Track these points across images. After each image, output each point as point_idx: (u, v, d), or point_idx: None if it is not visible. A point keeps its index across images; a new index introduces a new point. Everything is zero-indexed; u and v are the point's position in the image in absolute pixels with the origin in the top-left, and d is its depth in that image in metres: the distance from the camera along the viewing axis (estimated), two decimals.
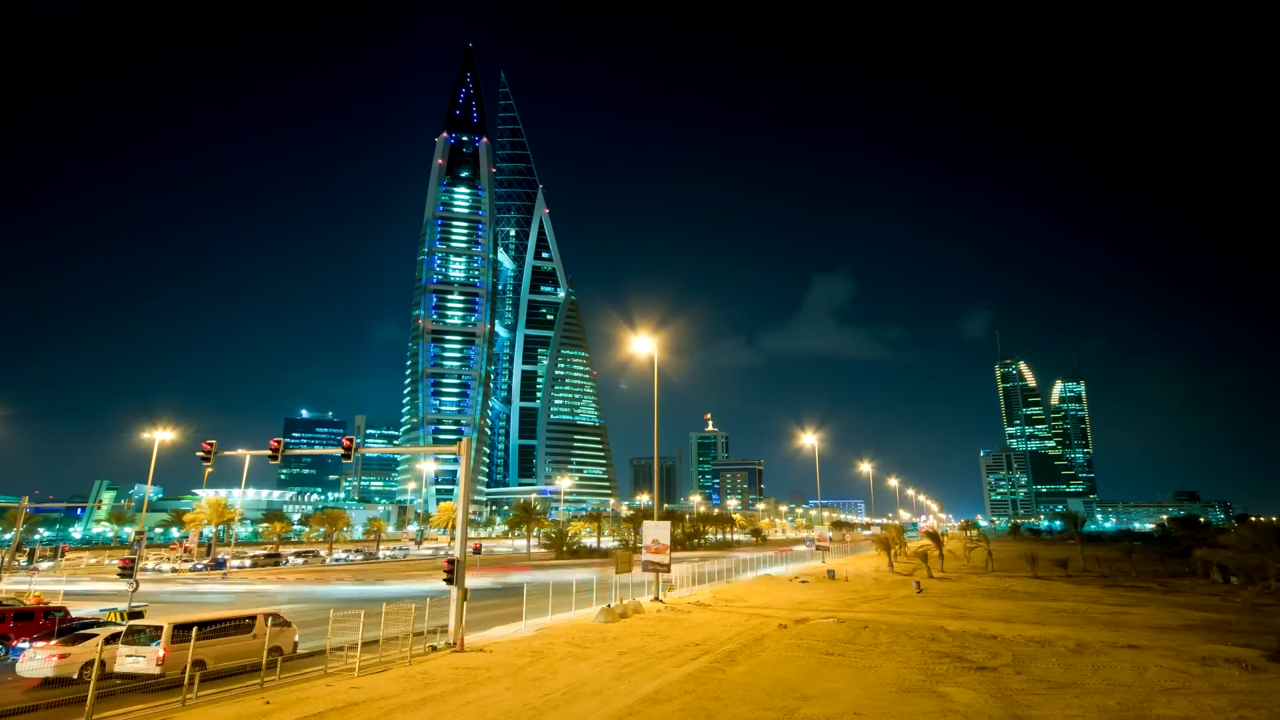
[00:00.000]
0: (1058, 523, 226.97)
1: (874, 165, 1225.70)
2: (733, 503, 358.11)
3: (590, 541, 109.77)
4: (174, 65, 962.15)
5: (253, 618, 23.46)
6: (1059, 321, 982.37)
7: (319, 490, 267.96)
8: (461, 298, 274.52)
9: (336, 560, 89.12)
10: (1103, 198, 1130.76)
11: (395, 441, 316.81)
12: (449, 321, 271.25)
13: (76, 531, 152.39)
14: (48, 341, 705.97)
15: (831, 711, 17.03)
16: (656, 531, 40.94)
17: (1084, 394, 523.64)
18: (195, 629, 20.70)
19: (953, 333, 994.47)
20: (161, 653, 20.71)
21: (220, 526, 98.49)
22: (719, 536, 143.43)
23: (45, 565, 69.45)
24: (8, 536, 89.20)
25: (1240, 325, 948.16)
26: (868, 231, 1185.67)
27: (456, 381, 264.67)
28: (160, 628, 21.35)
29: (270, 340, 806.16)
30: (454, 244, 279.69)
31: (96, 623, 26.33)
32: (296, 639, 24.76)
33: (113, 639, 21.61)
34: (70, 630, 24.98)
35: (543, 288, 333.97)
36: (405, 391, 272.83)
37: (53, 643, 22.18)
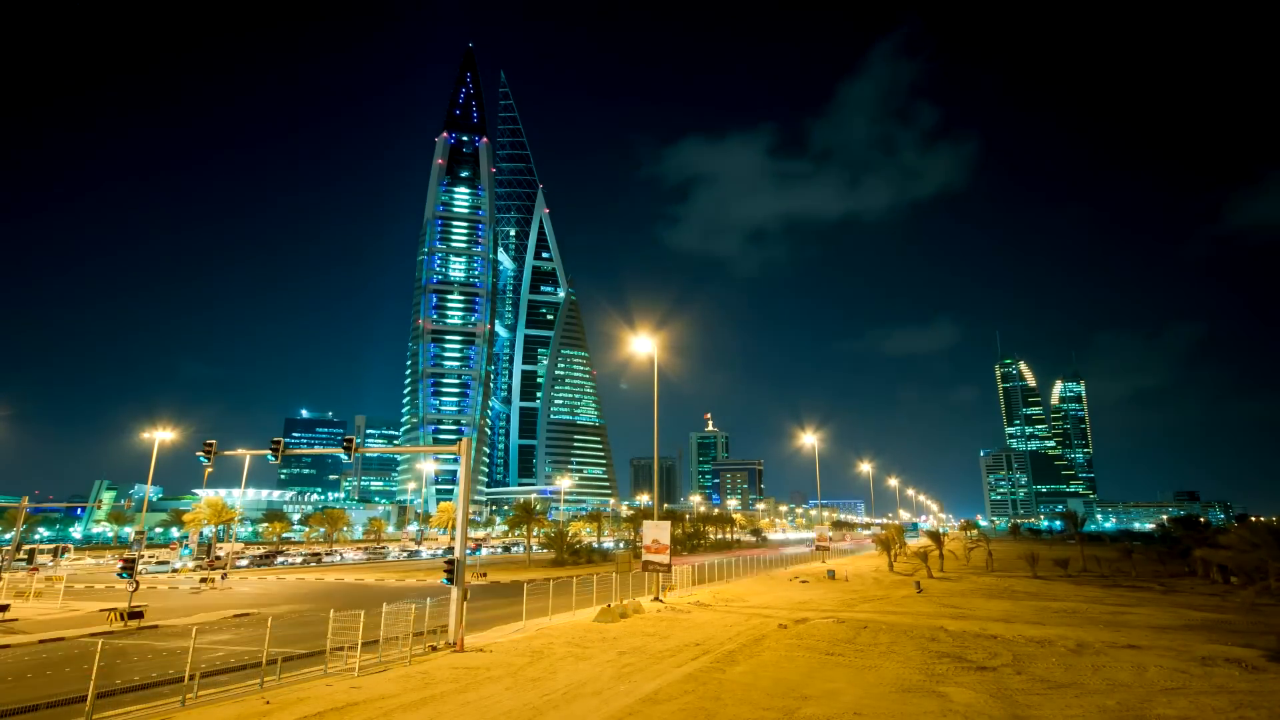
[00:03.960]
0: (1058, 523, 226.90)
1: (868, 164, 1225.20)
2: (733, 503, 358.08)
3: (590, 542, 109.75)
4: (174, 66, 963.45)
5: None
6: (1059, 321, 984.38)
7: (319, 490, 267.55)
8: (461, 298, 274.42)
9: (295, 562, 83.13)
10: (1103, 196, 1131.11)
11: (395, 441, 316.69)
12: (449, 321, 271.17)
13: (76, 531, 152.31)
14: (48, 342, 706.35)
15: (831, 711, 17.03)
16: (656, 531, 40.94)
17: (1084, 394, 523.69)
18: None
19: (953, 332, 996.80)
20: None
21: (220, 526, 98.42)
22: (719, 537, 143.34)
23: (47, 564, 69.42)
24: (8, 536, 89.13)
25: (1241, 325, 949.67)
26: (866, 230, 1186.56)
27: (456, 381, 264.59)
28: None
29: (270, 340, 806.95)
30: (454, 244, 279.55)
31: None
32: None
33: None
34: None
35: (543, 288, 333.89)
36: (405, 391, 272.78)
37: None
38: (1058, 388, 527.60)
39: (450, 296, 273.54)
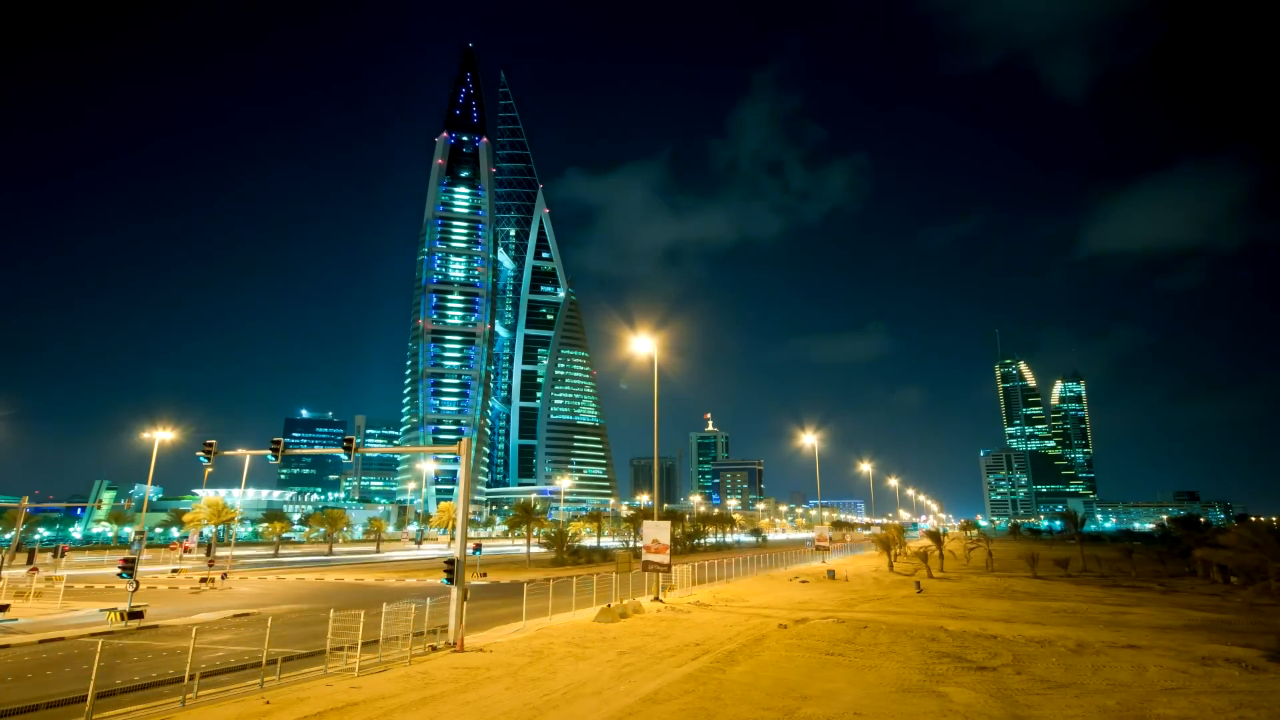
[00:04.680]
0: (1058, 523, 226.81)
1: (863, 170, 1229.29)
2: (733, 503, 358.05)
3: (590, 542, 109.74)
4: (174, 65, 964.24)
5: None
6: (1059, 322, 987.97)
7: (319, 490, 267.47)
8: (461, 298, 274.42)
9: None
10: (1103, 195, 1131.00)
11: (395, 441, 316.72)
12: (449, 321, 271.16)
13: (76, 531, 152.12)
14: (47, 341, 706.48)
15: (831, 711, 17.03)
16: (656, 531, 40.94)
17: (1084, 394, 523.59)
18: None
19: (953, 333, 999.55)
20: None
21: (220, 526, 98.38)
22: (719, 537, 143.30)
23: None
24: (8, 536, 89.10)
25: (1241, 324, 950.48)
26: (869, 227, 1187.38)
27: (456, 381, 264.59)
28: None
29: (270, 340, 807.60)
30: (454, 244, 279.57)
31: None
32: None
33: None
34: None
35: (543, 287, 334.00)
36: (405, 391, 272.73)
37: None
38: (1058, 388, 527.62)
39: (450, 296, 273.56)
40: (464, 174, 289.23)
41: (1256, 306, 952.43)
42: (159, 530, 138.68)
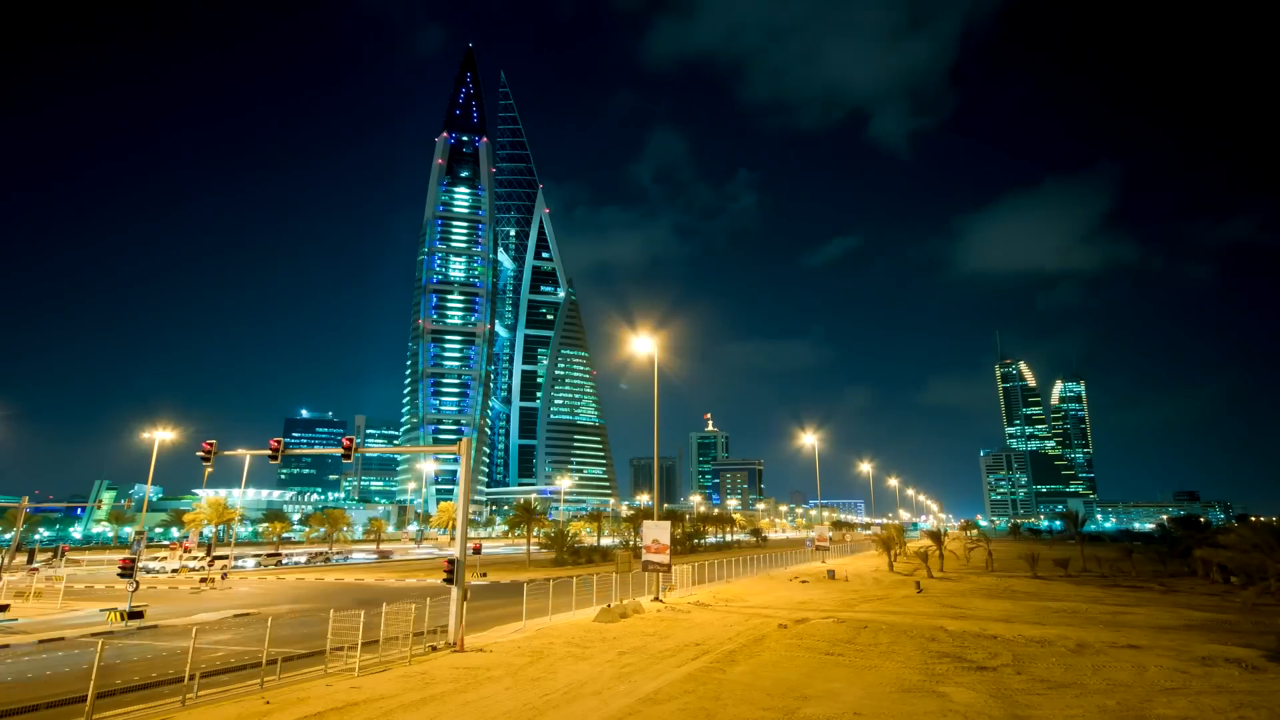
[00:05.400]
0: (1058, 523, 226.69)
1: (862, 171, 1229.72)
2: (733, 503, 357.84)
3: (590, 542, 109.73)
4: (173, 64, 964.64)
5: None
6: (1059, 322, 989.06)
7: (319, 490, 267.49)
8: (461, 298, 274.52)
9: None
10: (1105, 191, 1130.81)
11: (395, 441, 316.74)
12: (449, 321, 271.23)
13: (76, 531, 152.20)
14: (47, 341, 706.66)
15: (831, 711, 17.02)
16: (656, 531, 40.92)
17: (1084, 394, 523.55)
18: None
19: (951, 333, 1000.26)
20: None
21: (220, 526, 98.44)
22: (719, 537, 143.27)
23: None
24: (8, 537, 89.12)
25: (1241, 325, 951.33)
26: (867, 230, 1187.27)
27: (456, 381, 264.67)
28: None
29: (270, 340, 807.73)
30: (454, 244, 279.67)
31: None
32: None
33: None
34: None
35: (543, 288, 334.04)
36: (405, 391, 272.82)
37: None
38: (1058, 388, 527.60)
39: (450, 296, 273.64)
40: (464, 174, 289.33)
41: (1168, 318, 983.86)
42: (159, 530, 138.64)
